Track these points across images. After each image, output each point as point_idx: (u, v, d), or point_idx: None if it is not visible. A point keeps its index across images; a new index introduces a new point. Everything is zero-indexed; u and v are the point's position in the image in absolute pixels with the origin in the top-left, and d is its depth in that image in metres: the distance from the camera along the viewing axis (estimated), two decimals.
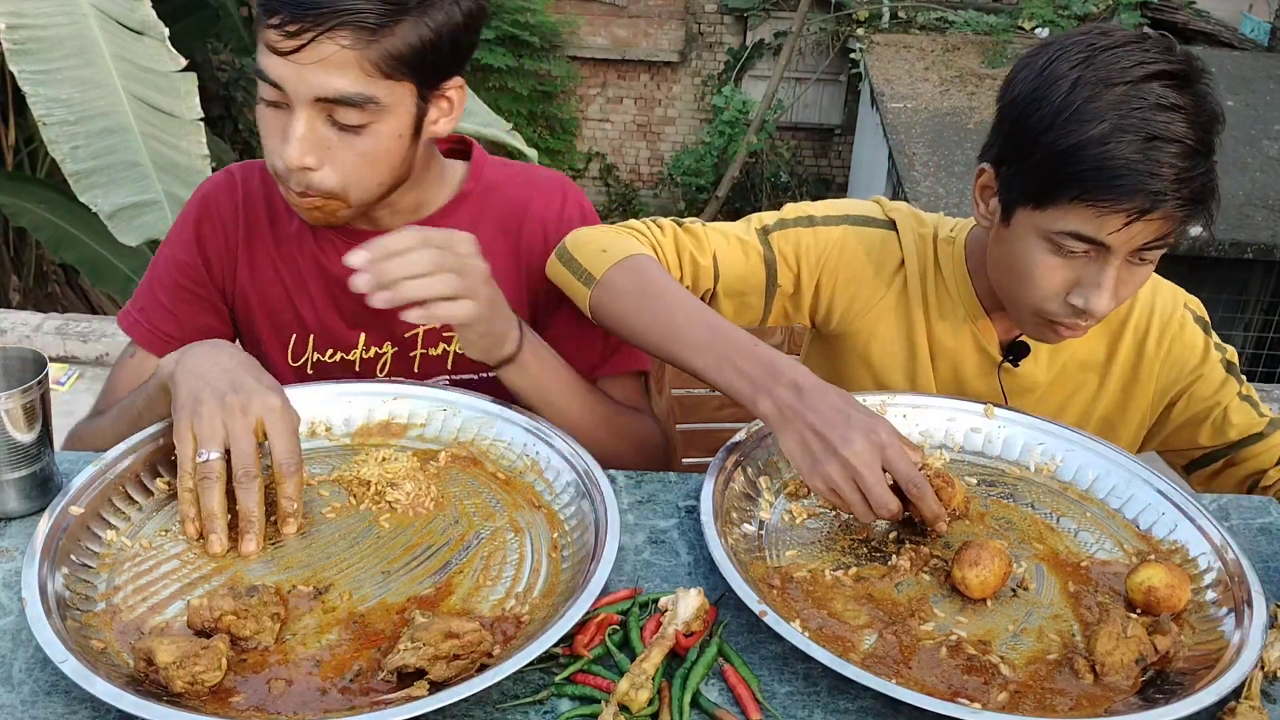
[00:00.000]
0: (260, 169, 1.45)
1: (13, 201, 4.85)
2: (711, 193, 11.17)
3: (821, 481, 1.08)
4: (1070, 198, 1.18)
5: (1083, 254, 1.22)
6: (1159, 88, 1.16)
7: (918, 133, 7.90)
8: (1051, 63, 1.21)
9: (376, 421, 1.27)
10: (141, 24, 4.41)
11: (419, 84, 1.24)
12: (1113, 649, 0.97)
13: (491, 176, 1.45)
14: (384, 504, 1.14)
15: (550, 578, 1.05)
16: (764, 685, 0.95)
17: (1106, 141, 1.15)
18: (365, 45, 1.17)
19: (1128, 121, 1.15)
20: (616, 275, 1.30)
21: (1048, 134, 1.19)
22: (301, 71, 1.17)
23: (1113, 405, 1.49)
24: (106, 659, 0.91)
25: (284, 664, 0.93)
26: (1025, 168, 1.22)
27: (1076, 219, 1.19)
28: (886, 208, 1.50)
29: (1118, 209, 1.16)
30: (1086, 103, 1.17)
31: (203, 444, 1.08)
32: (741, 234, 1.45)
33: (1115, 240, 1.18)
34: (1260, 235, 6.37)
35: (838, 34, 11.02)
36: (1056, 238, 1.21)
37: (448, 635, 0.90)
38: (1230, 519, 1.25)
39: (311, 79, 1.18)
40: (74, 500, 1.06)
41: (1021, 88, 1.23)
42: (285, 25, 1.16)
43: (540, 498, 1.17)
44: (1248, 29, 9.83)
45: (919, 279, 1.46)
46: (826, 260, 1.45)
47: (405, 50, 1.20)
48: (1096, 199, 1.16)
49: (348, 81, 1.18)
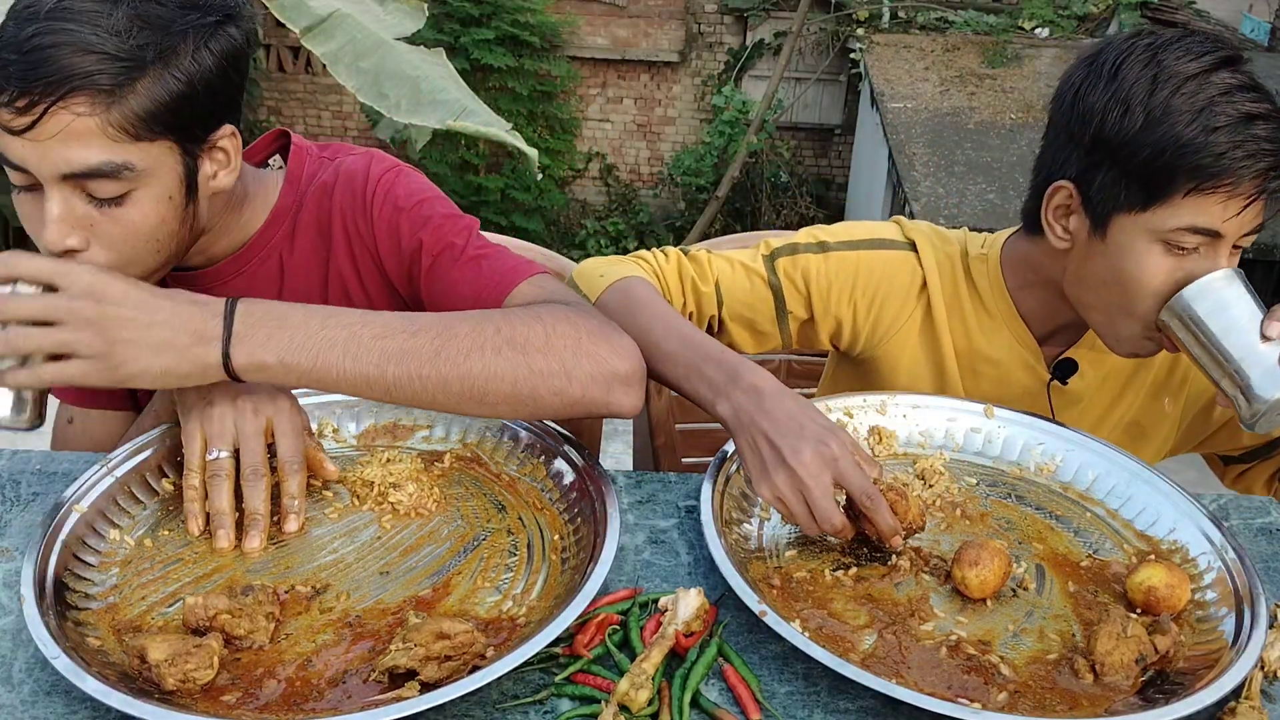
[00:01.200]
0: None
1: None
2: (711, 193, 11.16)
3: (768, 490, 1.07)
4: (1185, 192, 1.18)
5: (1193, 250, 1.21)
6: (1226, 74, 1.18)
7: (918, 133, 7.90)
8: (1118, 68, 1.21)
9: (384, 423, 1.27)
10: None
11: (180, 140, 1.13)
12: (1113, 649, 0.97)
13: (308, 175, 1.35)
14: (386, 505, 1.14)
15: (549, 580, 1.05)
16: (764, 685, 0.95)
17: (1198, 134, 1.16)
18: (105, 109, 1.05)
19: (1218, 109, 1.16)
20: (608, 297, 1.32)
21: (1147, 133, 1.18)
22: (42, 149, 1.05)
23: (1142, 410, 1.47)
24: (102, 656, 0.92)
25: (277, 663, 0.93)
26: (1125, 172, 1.21)
27: (1191, 212, 1.19)
28: (906, 228, 1.48)
29: (1235, 193, 1.17)
30: (1172, 97, 1.17)
31: (213, 442, 1.08)
32: (747, 260, 1.45)
33: (1230, 227, 1.19)
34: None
35: (838, 34, 11.01)
36: (1171, 235, 1.20)
37: (439, 636, 0.90)
38: (1230, 519, 1.25)
39: (54, 155, 1.06)
40: (78, 498, 1.06)
41: (1093, 97, 1.22)
42: (14, 102, 1.03)
43: (542, 500, 1.17)
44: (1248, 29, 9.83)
45: (947, 299, 1.43)
46: (842, 287, 1.43)
47: (153, 107, 1.08)
48: (1215, 186, 1.17)
49: (93, 152, 1.06)
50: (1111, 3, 9.60)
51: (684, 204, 11.99)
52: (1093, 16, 9.61)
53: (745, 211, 11.65)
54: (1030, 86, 8.53)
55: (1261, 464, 1.50)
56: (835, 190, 11.94)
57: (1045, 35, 9.39)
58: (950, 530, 1.18)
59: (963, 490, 1.25)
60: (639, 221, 11.98)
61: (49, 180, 1.08)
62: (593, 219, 12.11)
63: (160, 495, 1.14)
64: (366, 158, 1.36)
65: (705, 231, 10.79)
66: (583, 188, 12.33)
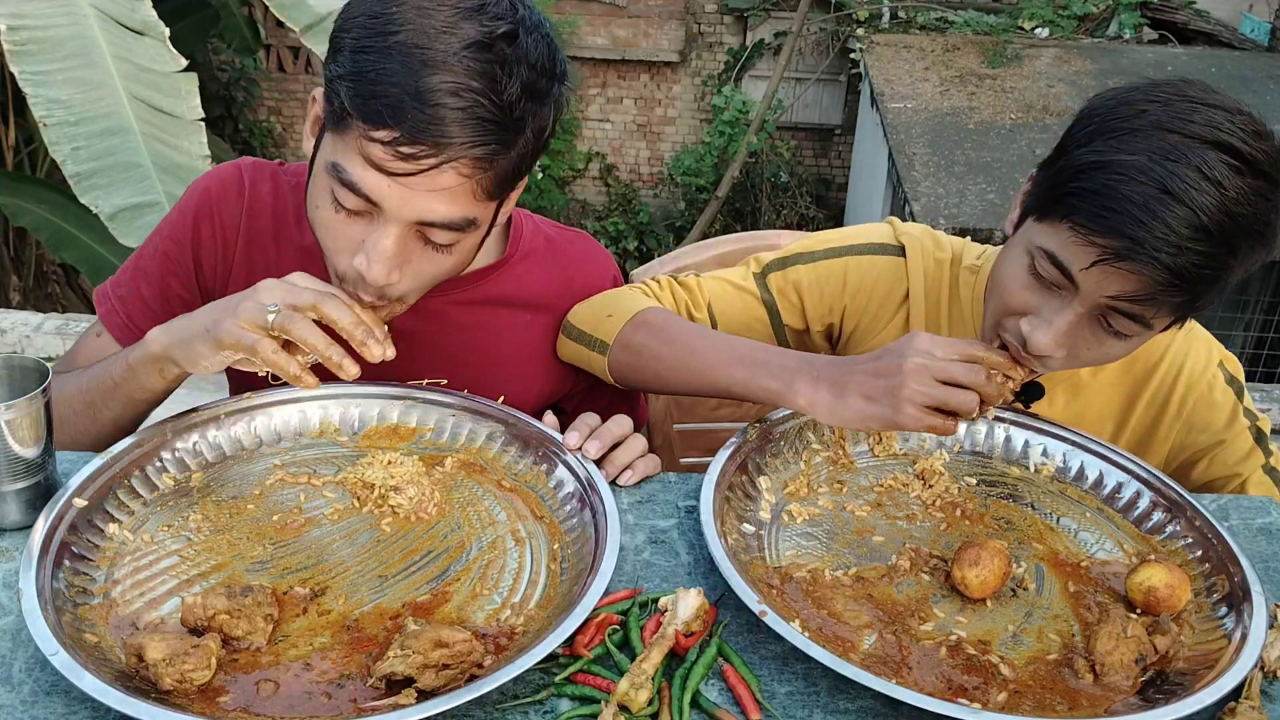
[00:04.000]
0: (272, 173, 1.39)
1: (13, 201, 4.85)
2: (711, 193, 11.15)
3: (912, 418, 1.08)
4: (1062, 215, 1.12)
5: (1052, 285, 1.16)
6: (1214, 156, 1.06)
7: (918, 133, 7.89)
8: (1135, 90, 1.14)
9: (386, 425, 1.27)
10: (142, 24, 4.41)
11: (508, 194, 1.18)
12: (1113, 649, 0.97)
13: (528, 244, 1.43)
14: (386, 508, 1.14)
15: (547, 590, 1.05)
16: (764, 685, 0.95)
17: (1121, 173, 1.08)
18: (481, 172, 1.09)
19: (1158, 168, 1.06)
20: (630, 334, 1.32)
21: (1078, 149, 1.13)
22: (409, 195, 1.08)
23: (1133, 452, 1.42)
24: (99, 654, 0.91)
25: (274, 665, 0.93)
26: (1046, 175, 1.18)
27: (1057, 239, 1.13)
28: (899, 231, 1.46)
29: (1094, 242, 1.09)
30: (1133, 134, 1.09)
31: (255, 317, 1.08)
32: (738, 280, 1.46)
33: (1084, 280, 1.12)
34: None
35: (838, 34, 11.00)
36: (1036, 253, 1.16)
37: (437, 644, 0.89)
38: (1230, 519, 1.25)
39: (420, 204, 1.09)
40: (77, 493, 1.06)
41: (1095, 103, 1.17)
42: (399, 144, 1.04)
43: (543, 507, 1.16)
44: (1248, 29, 9.82)
45: (927, 308, 1.42)
46: (833, 292, 1.44)
47: (512, 170, 1.13)
48: (1079, 223, 1.10)
49: (457, 208, 1.10)
50: (1111, 3, 9.59)
51: (684, 204, 11.98)
52: (1093, 16, 9.59)
53: (745, 211, 11.64)
54: (1030, 86, 8.51)
55: None
56: (835, 190, 11.93)
57: (1045, 35, 9.38)
58: (950, 530, 1.18)
59: (963, 490, 1.25)
60: (639, 221, 11.97)
61: (399, 222, 1.10)
62: (593, 219, 12.09)
63: (160, 490, 1.13)
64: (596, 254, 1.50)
65: (705, 231, 10.78)
66: (583, 188, 12.32)
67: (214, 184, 1.38)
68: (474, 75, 1.05)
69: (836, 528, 1.17)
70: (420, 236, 1.14)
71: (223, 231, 1.38)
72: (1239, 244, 1.08)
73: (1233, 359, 1.39)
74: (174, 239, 1.38)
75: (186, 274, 1.38)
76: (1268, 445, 1.36)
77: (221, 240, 1.38)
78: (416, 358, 1.34)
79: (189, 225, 1.38)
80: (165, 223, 1.40)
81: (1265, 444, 1.36)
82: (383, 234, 1.11)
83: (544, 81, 1.11)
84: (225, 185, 1.38)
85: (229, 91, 10.98)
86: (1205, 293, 1.10)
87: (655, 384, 1.34)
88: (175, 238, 1.38)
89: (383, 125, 1.04)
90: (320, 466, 1.21)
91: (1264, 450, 1.35)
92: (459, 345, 1.40)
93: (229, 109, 11.07)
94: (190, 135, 4.19)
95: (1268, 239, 1.10)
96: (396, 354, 1.14)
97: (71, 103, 3.91)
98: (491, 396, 1.38)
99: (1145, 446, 1.40)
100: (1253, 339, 7.06)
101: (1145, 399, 1.38)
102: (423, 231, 1.13)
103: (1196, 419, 1.36)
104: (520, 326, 1.42)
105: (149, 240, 1.41)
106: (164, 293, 1.37)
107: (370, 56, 1.05)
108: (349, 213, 1.12)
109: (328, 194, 1.13)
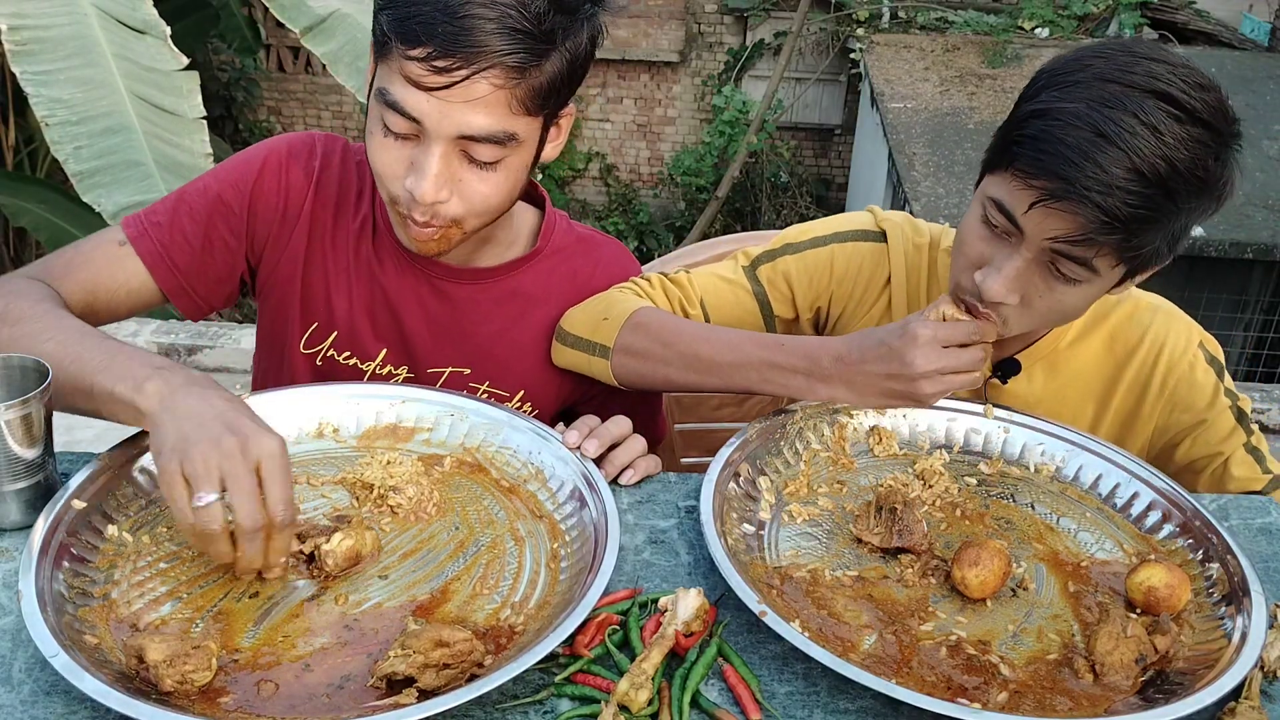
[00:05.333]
0: (343, 148, 1.41)
1: (13, 201, 4.85)
2: (712, 193, 11.15)
3: (930, 397, 1.19)
4: (1006, 164, 1.17)
5: (1002, 234, 1.19)
6: (1153, 104, 1.09)
7: (918, 133, 7.89)
8: (1085, 48, 1.19)
9: (384, 424, 1.27)
10: (143, 23, 4.41)
11: (548, 114, 1.22)
12: (1113, 649, 0.97)
13: (559, 241, 1.45)
14: (386, 507, 1.14)
15: (547, 589, 1.05)
16: (764, 685, 0.95)
17: (1059, 118, 1.11)
18: (515, 84, 1.13)
19: (1095, 114, 1.10)
20: (628, 336, 1.33)
21: (1024, 101, 1.19)
22: (447, 109, 1.12)
23: (1109, 439, 1.43)
24: (99, 655, 0.91)
25: (274, 666, 0.93)
26: (1003, 129, 1.21)
27: (1003, 187, 1.17)
28: (879, 217, 1.50)
29: (1031, 184, 1.13)
30: (1075, 85, 1.13)
31: (198, 486, 0.95)
32: (728, 274, 1.48)
33: (1026, 224, 1.15)
34: (1260, 235, 6.36)
35: (838, 34, 11.00)
36: (986, 204, 1.20)
37: (438, 644, 0.89)
38: (1230, 519, 1.25)
39: (458, 117, 1.13)
40: (77, 493, 1.06)
41: (1048, 63, 1.21)
42: (433, 59, 1.10)
43: (542, 507, 1.16)
44: (1248, 29, 9.82)
45: (909, 291, 1.46)
46: (821, 280, 1.47)
47: (548, 86, 1.17)
48: (1020, 168, 1.14)
49: (495, 120, 1.14)
50: (1111, 3, 9.59)
51: (684, 204, 11.98)
52: (1093, 16, 9.59)
53: (745, 211, 11.64)
54: None
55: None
56: (835, 190, 11.93)
57: (1045, 35, 9.38)
58: (950, 530, 1.18)
59: (963, 490, 1.25)
60: (639, 221, 11.97)
61: (441, 137, 1.15)
62: (593, 219, 12.09)
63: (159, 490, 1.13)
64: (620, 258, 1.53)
65: (705, 231, 10.78)
66: (583, 188, 12.31)
67: (285, 146, 1.39)
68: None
69: (836, 528, 1.17)
70: (465, 155, 1.18)
71: (287, 190, 1.37)
72: (1177, 189, 1.10)
73: (1212, 340, 1.42)
74: (233, 184, 1.36)
75: (238, 221, 1.36)
76: (1249, 424, 1.38)
77: (285, 198, 1.37)
78: (442, 344, 1.38)
79: (253, 173, 1.36)
80: (223, 168, 1.38)
81: (1246, 423, 1.38)
82: (428, 153, 1.16)
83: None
84: (296, 151, 1.39)
85: (229, 91, 10.98)
86: (1142, 235, 1.12)
87: (664, 385, 1.35)
88: (235, 184, 1.36)
89: (417, 43, 1.10)
90: (319, 467, 1.20)
91: (1245, 429, 1.37)
92: (484, 335, 1.42)
93: (229, 109, 11.06)
94: (192, 134, 4.18)
95: (1211, 188, 1.13)
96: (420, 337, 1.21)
97: (73, 102, 3.91)
98: (512, 390, 1.39)
99: (1129, 429, 1.42)
100: (1253, 339, 7.05)
101: (1127, 380, 1.39)
102: (466, 149, 1.17)
103: (1179, 398, 1.38)
104: (546, 322, 1.44)
105: (195, 182, 1.38)
106: (208, 233, 1.34)
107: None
108: (397, 136, 1.17)
109: (378, 120, 1.18)
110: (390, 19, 1.13)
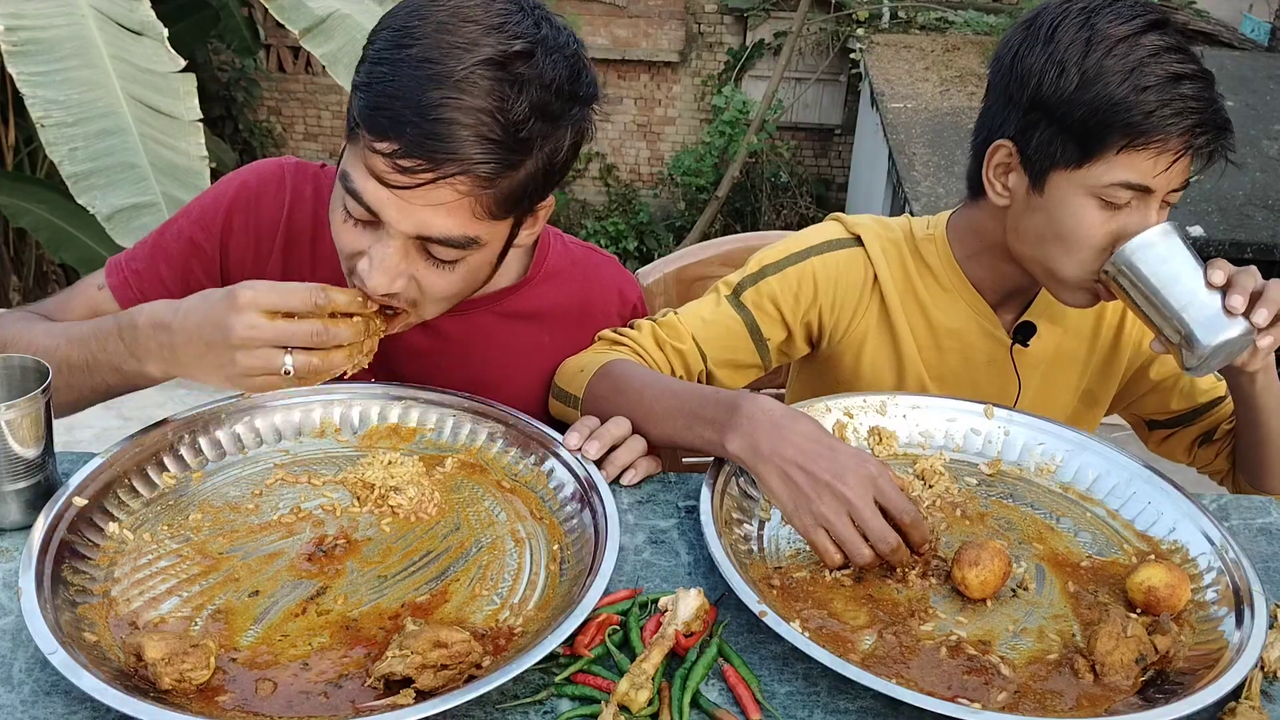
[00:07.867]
0: (314, 176, 1.37)
1: (13, 201, 4.86)
2: (712, 193, 11.16)
3: (810, 519, 1.06)
4: (1118, 149, 1.23)
5: (1125, 204, 1.26)
6: (1155, 36, 1.23)
7: (918, 133, 7.89)
8: (1054, 30, 1.26)
9: (386, 425, 1.27)
10: (140, 24, 4.41)
11: (520, 216, 1.18)
12: (1113, 649, 0.97)
13: (554, 264, 1.43)
14: (386, 508, 1.14)
15: (547, 591, 1.05)
16: (764, 685, 0.95)
17: (1141, 89, 1.20)
18: (481, 191, 1.08)
19: (1147, 69, 1.21)
20: (594, 385, 1.33)
21: (1081, 93, 1.23)
22: (407, 209, 1.08)
23: (1095, 377, 1.53)
24: (99, 653, 0.91)
25: (273, 665, 0.93)
26: (1061, 130, 1.25)
27: (1125, 168, 1.23)
28: (848, 224, 1.52)
29: (1165, 150, 1.22)
30: (1105, 58, 1.22)
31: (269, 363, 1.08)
32: (712, 307, 1.48)
33: (1159, 182, 1.24)
34: (1260, 235, 6.37)
35: (838, 34, 11.01)
36: (1105, 191, 1.25)
37: (436, 644, 0.89)
38: (1230, 519, 1.25)
39: (416, 217, 1.08)
40: (77, 492, 1.06)
41: (1030, 59, 1.27)
42: (398, 157, 1.04)
43: (543, 508, 1.16)
44: (1248, 29, 9.83)
45: (899, 285, 1.47)
46: (808, 295, 1.47)
47: (519, 192, 1.12)
48: (1146, 143, 1.22)
49: (456, 225, 1.09)
50: None
51: (684, 204, 11.99)
52: None
53: (745, 211, 11.65)
54: None
55: (1183, 430, 1.56)
56: (835, 190, 11.94)
57: None
58: (950, 530, 1.18)
59: (963, 490, 1.25)
60: (639, 221, 11.97)
61: (399, 234, 1.10)
62: (593, 219, 12.10)
63: (160, 490, 1.13)
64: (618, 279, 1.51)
65: (705, 231, 10.78)
66: (583, 188, 12.32)
67: (254, 178, 1.36)
68: (481, 92, 1.04)
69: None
70: (423, 251, 1.13)
71: (258, 227, 1.35)
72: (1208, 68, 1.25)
73: None
74: (203, 225, 1.35)
75: (211, 262, 1.35)
76: None
77: (255, 236, 1.35)
78: (432, 375, 1.34)
79: (221, 213, 1.35)
80: (194, 206, 1.37)
81: None
82: (385, 244, 1.11)
83: (559, 103, 1.10)
84: (265, 181, 1.36)
85: (229, 92, 10.99)
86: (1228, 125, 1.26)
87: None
88: (204, 224, 1.35)
89: (384, 137, 1.05)
90: (320, 466, 1.20)
91: None
92: (477, 362, 1.39)
93: (229, 109, 11.07)
94: (188, 136, 4.19)
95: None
96: (411, 369, 1.18)
97: (69, 103, 3.91)
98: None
99: (1111, 360, 1.52)
100: None
101: (1109, 315, 1.50)
102: (425, 246, 1.12)
103: None
104: (540, 347, 1.42)
105: (171, 223, 1.38)
106: (185, 277, 1.34)
107: (383, 68, 1.06)
108: (357, 221, 1.13)
109: (340, 202, 1.13)
110: (361, 104, 1.07)
